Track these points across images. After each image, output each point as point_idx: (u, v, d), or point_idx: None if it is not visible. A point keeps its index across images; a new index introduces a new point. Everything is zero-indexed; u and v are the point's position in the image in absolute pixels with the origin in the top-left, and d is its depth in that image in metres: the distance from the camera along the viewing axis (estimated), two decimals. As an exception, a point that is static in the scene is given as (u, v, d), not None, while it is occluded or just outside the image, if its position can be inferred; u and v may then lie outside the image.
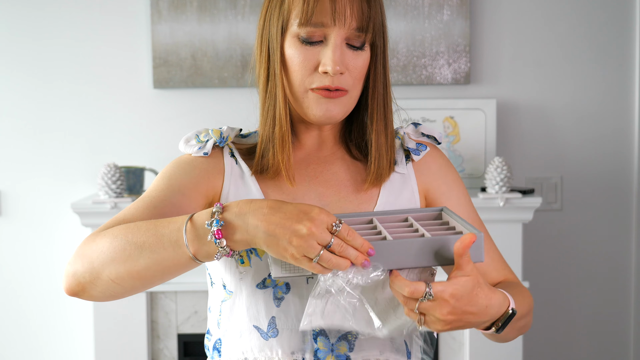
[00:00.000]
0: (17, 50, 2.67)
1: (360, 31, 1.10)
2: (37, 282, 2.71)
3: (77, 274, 1.02)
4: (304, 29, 1.10)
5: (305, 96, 1.12)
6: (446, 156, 1.28)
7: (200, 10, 2.62)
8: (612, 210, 2.70)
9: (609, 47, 2.66)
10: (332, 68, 1.09)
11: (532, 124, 2.67)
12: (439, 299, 0.98)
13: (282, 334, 1.12)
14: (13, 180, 2.70)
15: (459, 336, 2.46)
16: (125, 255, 1.00)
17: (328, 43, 1.10)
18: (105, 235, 1.02)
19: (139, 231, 1.00)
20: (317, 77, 1.10)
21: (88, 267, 1.02)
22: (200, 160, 1.17)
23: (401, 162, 1.23)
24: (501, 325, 1.05)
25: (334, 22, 1.09)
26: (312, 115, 1.12)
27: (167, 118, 2.68)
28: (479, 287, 1.01)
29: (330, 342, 1.13)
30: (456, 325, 1.01)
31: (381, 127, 1.17)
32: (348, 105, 1.14)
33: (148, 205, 1.09)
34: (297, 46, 1.11)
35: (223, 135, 1.18)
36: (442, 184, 1.24)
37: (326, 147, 1.22)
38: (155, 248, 0.99)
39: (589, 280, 2.71)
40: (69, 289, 1.04)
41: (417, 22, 2.62)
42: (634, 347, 2.72)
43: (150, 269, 1.00)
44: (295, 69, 1.11)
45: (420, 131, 1.26)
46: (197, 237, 0.97)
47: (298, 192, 1.18)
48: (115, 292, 1.03)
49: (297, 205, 0.95)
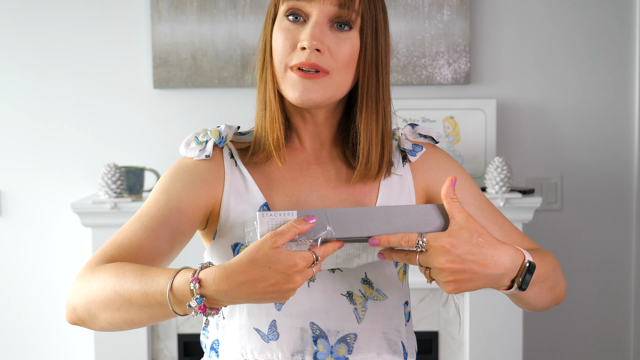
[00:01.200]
0: (16, 51, 2.67)
1: (342, 8, 1.10)
2: (37, 282, 2.71)
3: (77, 311, 1.07)
4: (288, 5, 1.11)
5: (285, 75, 1.12)
6: (445, 151, 1.27)
7: (200, 10, 2.62)
8: (612, 211, 2.70)
9: (609, 46, 2.66)
10: (309, 42, 1.08)
11: (532, 124, 2.67)
12: (434, 247, 1.00)
13: (283, 336, 1.13)
14: (13, 180, 2.70)
15: (459, 336, 2.46)
16: (117, 305, 1.02)
17: (308, 21, 1.11)
18: (98, 278, 1.05)
19: (125, 284, 1.02)
20: (295, 54, 1.10)
21: (86, 307, 1.05)
22: (200, 167, 1.17)
23: (398, 164, 1.22)
24: (522, 280, 1.03)
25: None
26: (291, 96, 1.11)
27: (167, 118, 2.68)
28: (480, 237, 1.01)
29: (329, 344, 1.13)
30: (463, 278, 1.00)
31: (371, 119, 1.15)
32: (330, 89, 1.12)
33: (146, 229, 1.10)
34: (281, 27, 1.12)
35: (222, 135, 1.18)
36: (442, 176, 1.23)
37: (324, 146, 1.21)
38: (143, 305, 1.01)
39: (589, 280, 2.71)
40: (70, 321, 1.08)
41: (417, 22, 2.62)
42: (634, 347, 2.72)
43: (143, 318, 1.03)
44: (277, 49, 1.12)
45: (418, 132, 1.25)
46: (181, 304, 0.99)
47: (301, 192, 1.17)
48: (113, 329, 1.08)
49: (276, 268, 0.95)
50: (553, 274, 1.15)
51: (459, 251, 0.99)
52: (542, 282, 1.12)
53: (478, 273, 1.01)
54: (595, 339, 2.73)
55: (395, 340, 1.17)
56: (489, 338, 2.42)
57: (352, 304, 1.15)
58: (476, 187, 1.24)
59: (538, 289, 1.11)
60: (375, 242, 1.01)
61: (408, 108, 2.59)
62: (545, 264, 1.13)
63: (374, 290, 1.16)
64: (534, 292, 1.11)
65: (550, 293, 1.15)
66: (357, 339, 1.14)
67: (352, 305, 1.15)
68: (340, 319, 1.14)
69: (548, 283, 1.14)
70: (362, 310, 1.15)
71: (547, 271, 1.13)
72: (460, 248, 0.99)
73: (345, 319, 1.14)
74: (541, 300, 1.15)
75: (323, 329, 1.13)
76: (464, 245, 1.00)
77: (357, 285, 1.15)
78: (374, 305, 1.16)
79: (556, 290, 1.17)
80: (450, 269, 0.99)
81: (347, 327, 1.14)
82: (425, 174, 1.23)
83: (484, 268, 1.01)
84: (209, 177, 1.16)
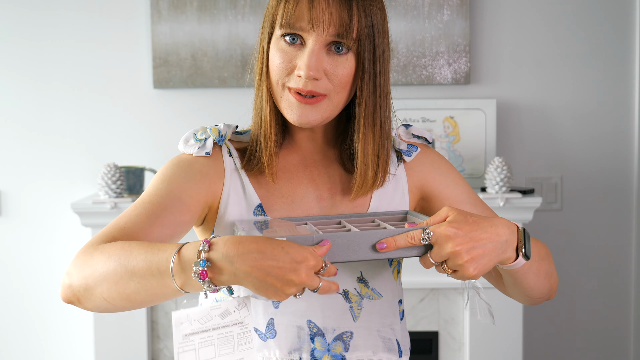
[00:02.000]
0: (16, 51, 2.67)
1: (340, 37, 1.10)
2: (38, 282, 2.71)
3: (73, 286, 1.05)
4: (284, 31, 1.11)
5: (282, 95, 1.13)
6: (438, 152, 1.30)
7: (200, 10, 2.62)
8: (612, 210, 2.70)
9: (608, 46, 2.66)
10: (306, 73, 1.09)
11: (532, 124, 2.67)
12: (439, 236, 1.01)
13: (280, 334, 1.14)
14: (13, 180, 2.70)
15: (459, 336, 2.46)
16: (117, 277, 1.01)
17: (306, 48, 1.10)
18: (102, 252, 1.04)
19: (131, 254, 1.01)
20: (293, 78, 1.12)
21: (83, 282, 1.04)
22: (201, 163, 1.17)
23: (393, 164, 1.24)
24: (524, 246, 1.06)
25: (312, 28, 1.09)
26: (289, 117, 1.14)
27: (167, 118, 2.68)
28: (472, 216, 1.04)
29: (326, 342, 1.15)
30: (477, 254, 1.02)
31: (369, 138, 1.16)
32: (328, 110, 1.13)
33: (151, 214, 1.10)
34: (278, 48, 1.12)
35: (221, 133, 1.19)
36: (438, 175, 1.25)
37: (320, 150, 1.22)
38: (144, 275, 0.99)
39: (589, 280, 2.71)
40: (64, 298, 1.06)
41: (417, 22, 2.62)
42: (634, 347, 2.72)
43: (140, 293, 1.01)
44: (275, 68, 1.12)
45: (411, 132, 1.27)
46: (184, 272, 0.97)
47: (297, 194, 1.19)
48: (106, 308, 1.06)
49: (289, 251, 0.94)
50: (548, 258, 1.19)
51: (463, 231, 1.01)
52: (541, 260, 1.16)
53: (487, 246, 1.03)
54: (595, 339, 2.73)
55: (390, 338, 1.18)
56: (489, 338, 2.42)
57: (348, 302, 1.16)
58: (470, 187, 1.27)
59: (537, 269, 1.15)
60: (383, 246, 1.02)
61: (408, 108, 2.59)
62: (540, 246, 1.18)
63: (369, 289, 1.17)
64: (534, 273, 1.14)
65: (547, 280, 1.19)
66: (353, 337, 1.15)
67: (348, 304, 1.16)
68: (336, 317, 1.15)
69: (545, 264, 1.17)
70: (357, 308, 1.16)
71: (542, 251, 1.17)
72: (463, 228, 1.02)
73: (341, 317, 1.15)
74: (539, 286, 1.18)
75: (320, 327, 1.14)
76: (464, 225, 1.02)
77: (352, 284, 1.17)
78: (370, 304, 1.17)
79: (551, 280, 1.20)
80: (463, 250, 1.01)
81: (343, 325, 1.15)
82: (420, 173, 1.25)
83: (489, 240, 1.03)
84: (209, 173, 1.17)
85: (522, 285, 1.16)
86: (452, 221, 1.02)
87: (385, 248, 1.02)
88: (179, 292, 0.99)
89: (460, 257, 1.01)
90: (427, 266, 1.04)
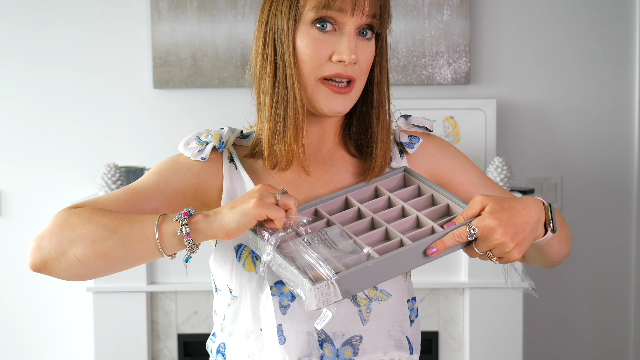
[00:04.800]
0: (17, 51, 2.67)
1: (374, 18, 1.12)
2: (37, 282, 2.71)
3: (43, 250, 1.05)
4: (321, 12, 1.10)
5: (316, 87, 1.12)
6: (440, 137, 1.30)
7: (200, 10, 2.62)
8: (612, 211, 2.70)
9: (609, 46, 2.66)
10: (348, 57, 1.09)
11: (532, 124, 2.67)
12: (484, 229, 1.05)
13: (289, 340, 1.13)
14: (13, 180, 2.70)
15: (459, 336, 2.46)
16: (96, 235, 1.03)
17: (343, 32, 1.11)
18: (79, 215, 1.06)
19: (114, 218, 1.05)
20: (329, 66, 1.11)
21: (56, 243, 1.05)
22: (196, 165, 1.17)
23: (396, 157, 1.23)
24: (552, 220, 1.10)
25: (353, 9, 1.10)
26: (321, 109, 1.13)
27: (167, 118, 2.68)
28: (505, 201, 1.07)
29: (335, 348, 1.14)
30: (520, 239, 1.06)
31: (384, 120, 1.18)
32: (355, 98, 1.15)
33: (130, 199, 1.12)
34: (310, 36, 1.11)
35: (223, 139, 1.18)
36: (446, 161, 1.26)
37: (325, 146, 1.21)
38: (125, 230, 1.03)
39: (588, 280, 2.71)
40: (32, 264, 1.07)
41: (417, 22, 2.62)
42: (634, 347, 2.72)
43: (117, 249, 1.03)
44: (307, 58, 1.11)
45: (411, 122, 1.27)
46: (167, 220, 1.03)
47: (299, 194, 1.18)
48: (78, 272, 1.06)
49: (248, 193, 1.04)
50: (565, 223, 1.24)
51: (504, 220, 1.05)
52: (562, 227, 1.21)
53: (526, 229, 1.07)
54: (595, 339, 2.73)
55: (400, 337, 1.17)
56: (489, 338, 2.42)
57: (357, 306, 1.15)
58: (477, 167, 1.29)
59: (559, 237, 1.19)
60: (433, 251, 1.05)
61: (408, 108, 2.59)
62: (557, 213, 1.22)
63: (378, 291, 1.16)
64: (557, 241, 1.19)
65: (567, 243, 1.23)
66: (363, 341, 1.14)
67: (357, 308, 1.15)
68: (345, 321, 1.14)
69: (565, 231, 1.23)
70: (366, 311, 1.15)
71: (560, 219, 1.22)
72: (503, 217, 1.05)
73: (350, 322, 1.14)
74: (562, 249, 1.22)
75: (328, 332, 1.14)
76: (503, 214, 1.05)
77: None
78: (379, 306, 1.16)
79: (569, 242, 1.25)
80: (508, 238, 1.05)
81: (352, 329, 1.14)
82: (428, 163, 1.26)
83: (527, 222, 1.07)
84: (202, 174, 1.17)
85: (547, 254, 1.20)
86: (492, 212, 1.05)
87: (435, 252, 1.05)
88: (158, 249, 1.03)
89: (507, 246, 1.05)
90: (472, 256, 1.08)
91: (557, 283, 2.71)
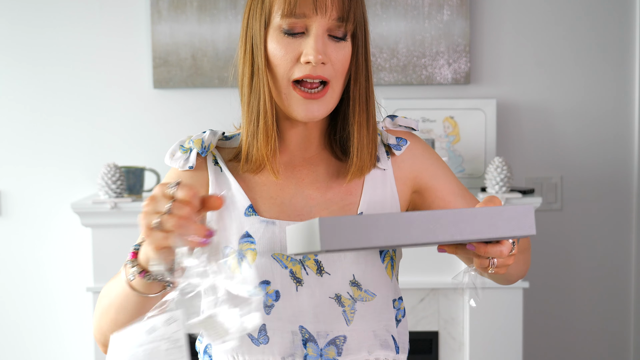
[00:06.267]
0: (16, 51, 2.67)
1: (341, 21, 1.11)
2: (37, 282, 2.71)
3: (96, 336, 1.15)
4: (286, 20, 1.11)
5: (288, 92, 1.13)
6: (424, 142, 1.30)
7: (200, 10, 2.62)
8: (612, 210, 2.70)
9: (609, 46, 2.66)
10: (315, 57, 1.10)
11: (532, 124, 2.67)
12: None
13: (273, 340, 1.13)
14: (13, 180, 2.70)
15: (459, 336, 2.46)
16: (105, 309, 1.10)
17: (310, 33, 1.11)
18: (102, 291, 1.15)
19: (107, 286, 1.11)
20: (299, 68, 1.11)
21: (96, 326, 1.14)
22: (185, 176, 1.19)
23: (382, 158, 1.23)
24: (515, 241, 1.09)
25: (316, 12, 1.10)
26: (295, 115, 1.14)
27: (167, 118, 2.68)
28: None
29: (319, 347, 1.14)
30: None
31: (363, 119, 1.17)
32: (330, 101, 1.14)
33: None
34: (279, 39, 1.12)
35: (204, 144, 1.19)
36: (429, 166, 1.26)
37: (311, 147, 1.22)
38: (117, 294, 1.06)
39: (588, 280, 2.71)
40: (104, 352, 1.12)
41: (417, 22, 2.62)
42: (634, 347, 2.72)
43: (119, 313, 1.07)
44: (278, 62, 1.12)
45: (398, 123, 1.27)
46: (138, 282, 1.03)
47: (286, 194, 1.18)
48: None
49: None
50: (529, 249, 1.25)
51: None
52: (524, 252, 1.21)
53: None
54: (595, 339, 2.72)
55: (386, 336, 1.17)
56: (489, 338, 2.42)
57: (341, 306, 1.15)
58: (454, 175, 1.29)
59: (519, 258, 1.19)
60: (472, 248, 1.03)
61: (408, 108, 2.59)
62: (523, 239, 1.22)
63: (362, 291, 1.16)
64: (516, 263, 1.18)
65: (524, 266, 1.24)
66: (347, 341, 1.14)
67: (341, 308, 1.15)
68: (329, 321, 1.14)
69: (526, 255, 1.23)
70: (350, 312, 1.15)
71: (525, 243, 1.23)
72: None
73: (334, 322, 1.14)
74: (518, 272, 1.23)
75: (312, 332, 1.14)
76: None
77: (345, 287, 1.15)
78: (363, 306, 1.16)
79: (527, 266, 1.26)
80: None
81: (336, 329, 1.14)
82: (414, 166, 1.25)
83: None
84: (196, 185, 1.18)
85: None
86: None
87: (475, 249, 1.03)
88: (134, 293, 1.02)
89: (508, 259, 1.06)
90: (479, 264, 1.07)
91: (557, 283, 2.71)
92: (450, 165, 2.59)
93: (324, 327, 1.14)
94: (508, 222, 0.97)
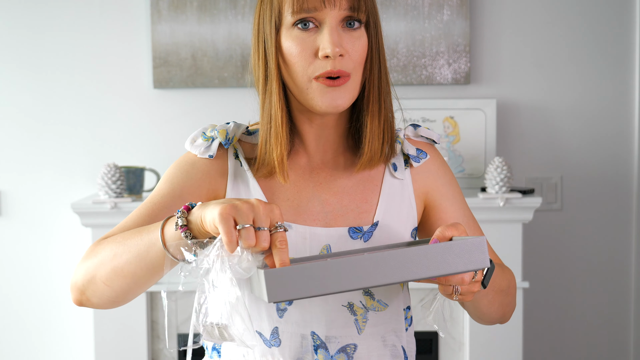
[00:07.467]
0: (16, 51, 2.67)
1: (353, 11, 1.10)
2: (37, 282, 2.71)
3: (78, 283, 1.07)
4: (298, 17, 1.10)
5: (309, 86, 1.11)
6: (443, 158, 1.29)
7: (200, 10, 2.62)
8: (612, 210, 2.70)
9: (609, 46, 2.66)
10: (332, 50, 1.08)
11: (532, 124, 2.67)
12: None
13: (285, 343, 1.13)
14: (13, 180, 2.70)
15: (459, 336, 2.46)
16: (112, 254, 1.03)
17: (323, 27, 1.10)
18: (100, 242, 1.07)
19: (127, 233, 1.04)
20: (318, 64, 1.10)
21: (86, 274, 1.06)
22: (204, 162, 1.18)
23: (400, 168, 1.22)
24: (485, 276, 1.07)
25: (324, 5, 1.09)
26: (318, 106, 1.11)
27: (167, 118, 2.68)
28: None
29: (329, 354, 1.14)
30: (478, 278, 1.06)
31: (375, 109, 1.15)
32: (352, 91, 1.13)
33: (149, 212, 1.13)
34: (293, 37, 1.11)
35: (229, 136, 1.18)
36: (441, 185, 1.24)
37: (330, 149, 1.20)
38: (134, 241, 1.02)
39: (588, 280, 2.71)
40: (74, 299, 1.09)
41: (417, 22, 2.62)
42: (634, 347, 2.72)
43: (130, 262, 1.02)
44: (295, 60, 1.11)
45: (420, 133, 1.26)
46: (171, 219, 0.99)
47: (302, 197, 1.17)
48: (110, 296, 1.06)
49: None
50: (507, 290, 1.21)
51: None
52: (497, 292, 1.17)
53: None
54: (595, 339, 2.73)
55: (396, 346, 1.17)
56: (489, 338, 2.42)
57: (353, 315, 1.14)
58: (465, 201, 1.27)
59: (492, 298, 1.16)
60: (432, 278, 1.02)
61: (408, 108, 2.57)
62: (504, 279, 1.19)
63: (375, 301, 1.16)
64: (488, 300, 1.16)
65: (500, 309, 1.21)
66: (357, 349, 1.14)
67: (353, 317, 1.14)
68: (340, 329, 1.14)
69: (501, 296, 1.19)
70: (362, 321, 1.15)
71: (503, 284, 1.18)
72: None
73: (346, 330, 1.14)
74: (491, 313, 1.20)
75: (323, 338, 1.13)
76: None
77: (358, 296, 1.15)
78: (375, 316, 1.15)
79: (506, 309, 1.22)
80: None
81: (347, 337, 1.14)
82: (427, 180, 1.24)
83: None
84: (210, 172, 1.18)
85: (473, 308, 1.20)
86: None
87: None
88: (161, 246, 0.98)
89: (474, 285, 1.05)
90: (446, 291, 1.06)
91: (557, 283, 2.71)
92: (451, 165, 2.60)
93: (335, 334, 1.14)
94: (459, 256, 0.98)
